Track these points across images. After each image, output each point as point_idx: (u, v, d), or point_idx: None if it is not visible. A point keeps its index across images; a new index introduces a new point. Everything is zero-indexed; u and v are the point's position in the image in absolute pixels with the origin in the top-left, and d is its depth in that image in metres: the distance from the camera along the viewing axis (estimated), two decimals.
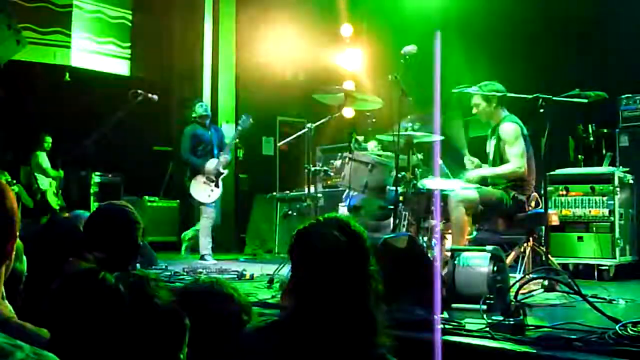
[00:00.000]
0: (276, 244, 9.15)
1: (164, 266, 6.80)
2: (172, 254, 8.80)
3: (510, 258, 5.14)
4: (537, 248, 5.28)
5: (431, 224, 5.21)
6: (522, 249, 5.31)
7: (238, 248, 10.34)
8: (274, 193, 9.60)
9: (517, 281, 4.52)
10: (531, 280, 4.56)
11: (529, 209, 5.43)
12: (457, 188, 5.34)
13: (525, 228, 5.41)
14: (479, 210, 5.30)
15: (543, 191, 5.35)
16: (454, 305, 4.21)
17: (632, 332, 3.16)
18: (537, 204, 5.49)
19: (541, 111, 4.95)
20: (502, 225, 5.55)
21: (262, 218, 10.07)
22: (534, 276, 4.71)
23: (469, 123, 6.79)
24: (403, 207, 5.15)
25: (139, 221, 3.03)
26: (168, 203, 10.73)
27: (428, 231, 5.21)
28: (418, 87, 5.26)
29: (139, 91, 6.70)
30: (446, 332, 3.39)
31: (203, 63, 10.87)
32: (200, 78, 10.88)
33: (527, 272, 5.03)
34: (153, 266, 6.90)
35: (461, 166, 5.81)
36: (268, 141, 11.67)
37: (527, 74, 7.45)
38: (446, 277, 4.35)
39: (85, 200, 9.89)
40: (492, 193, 5.41)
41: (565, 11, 7.95)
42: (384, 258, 1.91)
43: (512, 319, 3.42)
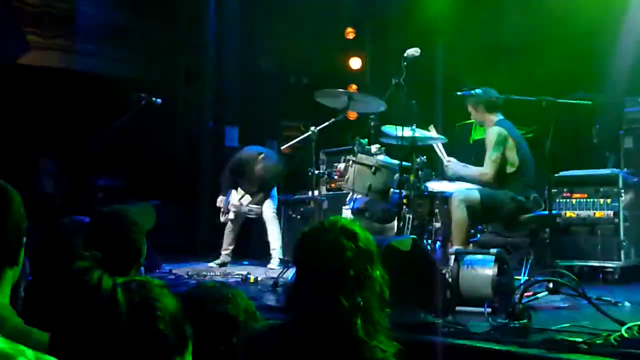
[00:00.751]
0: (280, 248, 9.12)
1: (168, 270, 6.79)
2: (178, 257, 8.79)
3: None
4: (542, 250, 5.26)
5: (435, 227, 5.20)
6: (527, 251, 5.30)
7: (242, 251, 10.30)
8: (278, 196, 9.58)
9: (522, 284, 4.51)
10: (536, 282, 4.55)
11: (532, 211, 5.42)
12: (461, 189, 5.33)
13: (529, 230, 5.39)
14: (482, 211, 5.29)
15: (547, 193, 5.33)
16: (458, 307, 4.20)
17: (638, 335, 3.15)
18: (539, 206, 5.47)
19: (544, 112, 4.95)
20: (506, 227, 5.54)
21: None
22: (539, 279, 4.69)
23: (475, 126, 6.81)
24: (407, 210, 5.15)
25: (140, 225, 3.03)
26: (174, 206, 10.70)
27: (432, 234, 5.20)
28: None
29: (142, 95, 6.70)
30: (450, 335, 3.39)
31: (207, 66, 10.87)
32: (203, 81, 10.88)
33: (532, 275, 5.01)
34: (157, 270, 6.91)
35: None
36: (271, 144, 11.66)
37: (532, 77, 7.42)
38: (450, 280, 4.35)
39: (90, 205, 9.87)
40: (495, 194, 5.40)
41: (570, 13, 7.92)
42: (388, 261, 1.90)
43: (517, 322, 3.41)
